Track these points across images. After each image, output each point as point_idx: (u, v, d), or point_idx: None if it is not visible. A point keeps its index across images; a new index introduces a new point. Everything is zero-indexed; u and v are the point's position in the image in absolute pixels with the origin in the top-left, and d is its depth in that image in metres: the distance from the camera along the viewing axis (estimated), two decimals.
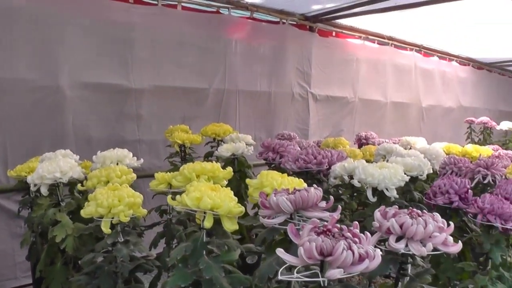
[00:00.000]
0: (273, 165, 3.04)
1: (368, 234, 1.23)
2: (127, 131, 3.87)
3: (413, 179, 2.58)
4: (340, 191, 2.73)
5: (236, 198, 1.67)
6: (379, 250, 1.15)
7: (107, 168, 2.23)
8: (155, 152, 4.00)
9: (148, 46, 3.92)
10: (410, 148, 4.16)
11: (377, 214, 1.42)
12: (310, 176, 2.69)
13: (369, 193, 2.25)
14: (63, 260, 2.39)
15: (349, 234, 1.15)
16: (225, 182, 2.10)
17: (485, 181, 3.01)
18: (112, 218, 1.81)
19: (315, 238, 1.13)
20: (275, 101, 4.94)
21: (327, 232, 1.18)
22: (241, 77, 4.60)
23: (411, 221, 1.33)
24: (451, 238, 1.37)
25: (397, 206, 1.47)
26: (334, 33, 5.57)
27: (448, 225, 1.42)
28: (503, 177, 3.06)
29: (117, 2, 3.75)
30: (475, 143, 6.41)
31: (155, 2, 4.00)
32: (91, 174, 2.29)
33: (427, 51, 7.01)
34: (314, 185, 1.58)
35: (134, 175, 2.31)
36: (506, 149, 6.34)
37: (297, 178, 1.92)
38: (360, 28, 5.78)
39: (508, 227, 1.94)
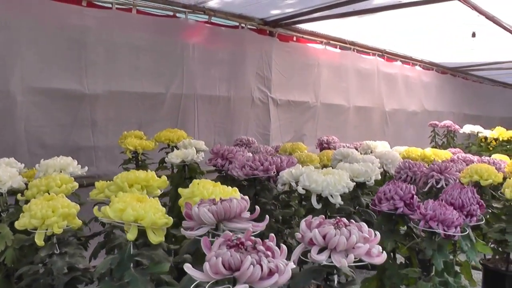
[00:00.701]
0: (223, 172, 2.97)
1: (284, 247, 1.18)
2: (82, 137, 3.77)
3: (361, 185, 2.54)
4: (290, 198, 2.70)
5: (163, 209, 1.61)
6: (291, 263, 1.10)
7: (48, 177, 2.16)
8: (112, 158, 3.87)
9: (102, 50, 3.83)
10: (371, 152, 4.19)
11: (302, 224, 1.37)
12: (259, 183, 2.64)
13: (313, 200, 2.20)
14: (5, 273, 2.29)
15: (262, 248, 1.10)
16: (159, 191, 2.03)
17: (439, 186, 3.00)
18: (46, 229, 1.75)
19: (223, 252, 1.08)
20: (235, 106, 4.88)
21: (240, 246, 1.13)
22: (199, 82, 4.53)
23: (335, 231, 1.28)
24: (378, 248, 1.33)
25: (323, 217, 1.41)
26: (295, 38, 5.54)
27: (375, 234, 1.37)
28: (457, 181, 3.06)
29: (69, 5, 3.66)
30: (439, 146, 6.49)
31: (109, 6, 3.91)
32: (31, 183, 2.21)
33: (390, 56, 7.06)
34: (241, 195, 1.53)
35: (75, 184, 2.23)
36: (468, 151, 6.45)
37: (230, 187, 1.86)
38: (322, 33, 5.77)
39: (450, 233, 1.92)
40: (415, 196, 2.16)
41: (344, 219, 1.38)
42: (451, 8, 4.45)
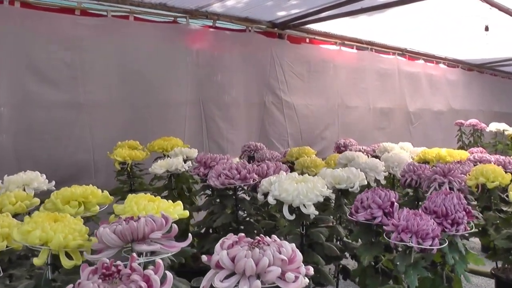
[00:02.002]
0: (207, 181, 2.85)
1: (169, 275, 1.04)
2: (80, 148, 3.67)
3: (345, 192, 2.38)
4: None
5: (83, 229, 1.49)
6: None
7: (2, 195, 2.06)
8: (112, 169, 3.80)
9: (99, 59, 3.76)
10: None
11: (217, 245, 1.22)
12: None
13: (285, 211, 2.05)
14: None
15: (137, 277, 0.97)
16: (98, 208, 1.91)
17: (441, 189, 2.81)
18: None
19: (85, 284, 0.96)
20: (246, 111, 4.75)
21: (114, 275, 1.01)
22: (205, 88, 4.43)
23: (245, 253, 1.14)
24: (302, 270, 1.17)
25: (243, 235, 1.26)
26: (307, 40, 5.39)
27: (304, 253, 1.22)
28: (462, 184, 2.87)
29: (63, 14, 3.63)
30: (466, 145, 6.23)
31: (105, 14, 3.84)
32: None
33: (411, 55, 6.83)
34: (149, 215, 1.39)
35: (35, 200, 2.11)
36: (495, 150, 6.16)
37: (169, 202, 1.75)
38: (335, 34, 5.61)
39: (425, 247, 1.74)
40: (395, 204, 1.98)
41: (268, 238, 1.23)
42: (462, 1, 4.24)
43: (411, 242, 1.74)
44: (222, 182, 2.39)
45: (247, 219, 2.54)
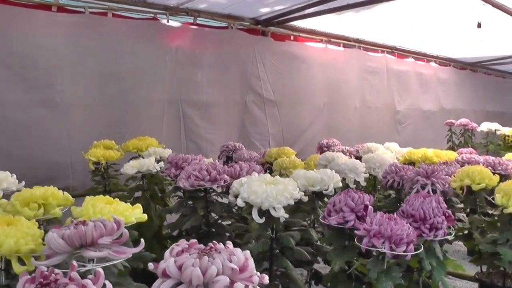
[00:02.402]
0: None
1: (109, 285, 0.92)
2: (58, 148, 3.59)
3: (319, 195, 2.26)
4: None
5: (37, 233, 1.37)
6: None
7: None
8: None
9: (76, 57, 3.64)
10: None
11: (167, 252, 1.11)
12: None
13: (254, 214, 1.93)
14: None
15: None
16: (60, 212, 1.78)
17: (424, 192, 2.69)
18: None
19: None
20: (226, 110, 4.64)
21: (51, 285, 0.90)
22: (184, 86, 4.31)
23: (193, 261, 1.02)
24: (255, 279, 1.06)
25: (195, 241, 1.14)
26: (292, 37, 5.26)
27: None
28: (446, 186, 2.75)
29: (39, 11, 3.50)
30: (456, 146, 6.13)
31: (82, 10, 3.72)
32: None
33: (401, 53, 6.72)
34: (114, 217, 1.27)
35: (2, 202, 1.98)
36: (486, 151, 6.06)
37: (127, 204, 1.64)
38: (322, 31, 5.49)
39: (398, 253, 1.61)
40: (369, 207, 1.85)
41: (220, 245, 1.11)
42: None
43: (384, 248, 1.61)
44: (192, 184, 2.27)
45: (219, 221, 2.41)
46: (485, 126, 6.11)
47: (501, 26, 5.22)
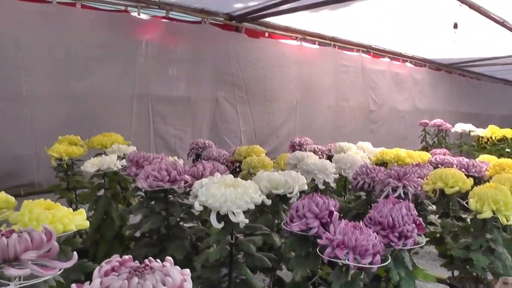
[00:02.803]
0: None
1: None
2: (22, 143, 3.47)
3: (283, 198, 2.16)
4: None
5: None
6: None
7: None
8: None
9: (43, 49, 3.52)
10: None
11: (96, 271, 0.99)
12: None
13: (212, 218, 1.81)
14: None
15: None
16: None
17: (395, 195, 2.61)
18: None
19: None
20: (197, 107, 4.52)
21: None
22: (154, 82, 4.19)
23: (120, 283, 0.90)
24: None
25: (130, 257, 1.03)
26: (267, 34, 5.15)
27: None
28: (419, 189, 2.67)
29: None
30: (430, 146, 6.11)
31: (49, 0, 3.58)
32: None
33: (377, 52, 6.66)
34: (45, 227, 1.15)
35: None
36: (460, 152, 6.05)
37: (69, 210, 1.50)
38: (297, 28, 5.40)
39: (363, 265, 1.52)
40: (335, 213, 1.76)
41: (156, 263, 0.99)
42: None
43: (347, 259, 1.51)
44: (150, 184, 2.15)
45: (180, 224, 2.30)
46: (459, 127, 6.11)
47: (477, 28, 5.22)
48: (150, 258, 1.04)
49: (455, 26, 4.46)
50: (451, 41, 5.19)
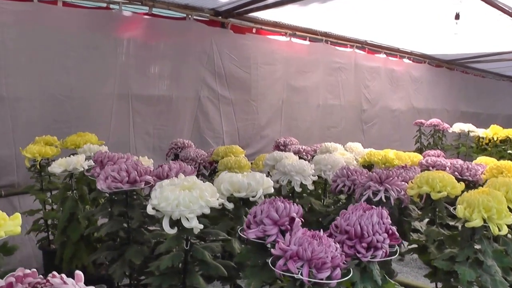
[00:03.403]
0: None
1: None
2: (1, 143, 3.40)
3: (246, 201, 2.00)
4: None
5: None
6: None
7: None
8: None
9: (23, 48, 3.44)
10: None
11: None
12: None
13: (165, 223, 1.68)
14: None
15: None
16: None
17: (376, 199, 2.45)
18: None
19: None
20: (178, 106, 4.37)
21: None
22: (135, 80, 4.06)
23: None
24: None
25: (35, 271, 0.88)
26: (254, 30, 4.99)
27: None
28: (402, 193, 2.52)
29: None
30: (425, 147, 5.94)
31: None
32: None
33: (372, 48, 6.46)
34: None
35: None
36: (457, 153, 5.85)
37: (3, 214, 1.37)
38: (287, 24, 5.24)
39: (319, 281, 1.35)
40: (297, 220, 1.59)
41: (57, 279, 0.85)
42: None
43: (301, 274, 1.35)
44: (109, 186, 2.02)
45: (141, 228, 2.17)
46: (457, 127, 5.85)
47: (481, 19, 4.97)
48: (54, 273, 0.94)
49: (457, 16, 4.22)
50: (452, 34, 4.97)
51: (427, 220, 2.66)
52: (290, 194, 2.88)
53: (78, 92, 3.71)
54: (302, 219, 1.66)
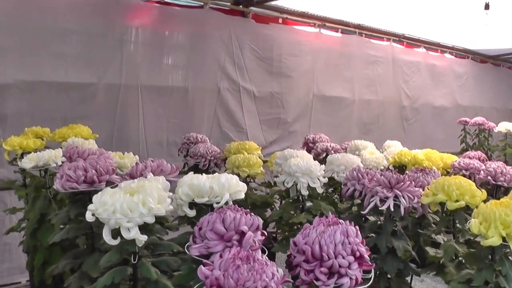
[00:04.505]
0: None
1: None
2: None
3: (212, 208, 1.71)
4: None
5: None
6: None
7: None
8: None
9: (15, 34, 3.25)
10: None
11: None
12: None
13: (105, 232, 1.42)
14: None
15: None
16: None
17: (383, 207, 2.14)
18: None
19: None
20: (194, 98, 4.13)
21: None
22: (145, 70, 3.85)
23: None
24: None
25: None
26: (280, 20, 4.68)
27: None
28: (415, 201, 2.19)
29: None
30: (470, 147, 5.49)
31: None
32: None
33: (410, 42, 6.06)
34: None
35: None
36: (504, 155, 5.37)
37: None
38: (317, 14, 4.91)
39: None
40: (248, 234, 1.30)
41: None
42: None
43: None
44: (63, 185, 1.78)
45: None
46: (503, 126, 5.40)
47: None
48: None
49: (487, 7, 3.85)
50: (483, 25, 4.54)
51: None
52: (295, 198, 2.60)
53: (78, 82, 3.53)
54: (265, 232, 1.38)
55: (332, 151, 3.52)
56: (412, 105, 6.11)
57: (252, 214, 1.37)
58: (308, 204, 2.56)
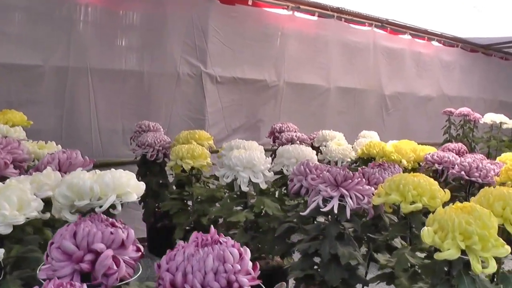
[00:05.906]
0: None
1: None
2: None
3: (107, 213, 1.43)
4: None
5: None
6: None
7: None
8: None
9: None
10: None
11: None
12: None
13: None
14: None
15: None
16: None
17: (326, 209, 1.87)
18: None
19: None
20: (151, 83, 3.85)
21: None
22: (95, 52, 3.57)
23: None
24: None
25: None
26: (250, 2, 4.36)
27: None
28: (365, 201, 1.94)
29: None
30: (454, 139, 5.27)
31: None
32: None
33: (395, 28, 5.73)
34: None
35: None
36: (488, 148, 5.15)
37: None
38: None
39: None
40: (104, 254, 1.01)
41: None
42: None
43: None
44: None
45: None
46: (489, 118, 5.20)
47: None
48: None
49: None
50: (471, 8, 4.23)
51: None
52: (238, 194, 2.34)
53: (20, 63, 3.28)
54: (140, 248, 1.09)
55: (298, 142, 3.29)
56: (394, 94, 5.81)
57: (125, 226, 1.08)
58: (253, 200, 2.30)
